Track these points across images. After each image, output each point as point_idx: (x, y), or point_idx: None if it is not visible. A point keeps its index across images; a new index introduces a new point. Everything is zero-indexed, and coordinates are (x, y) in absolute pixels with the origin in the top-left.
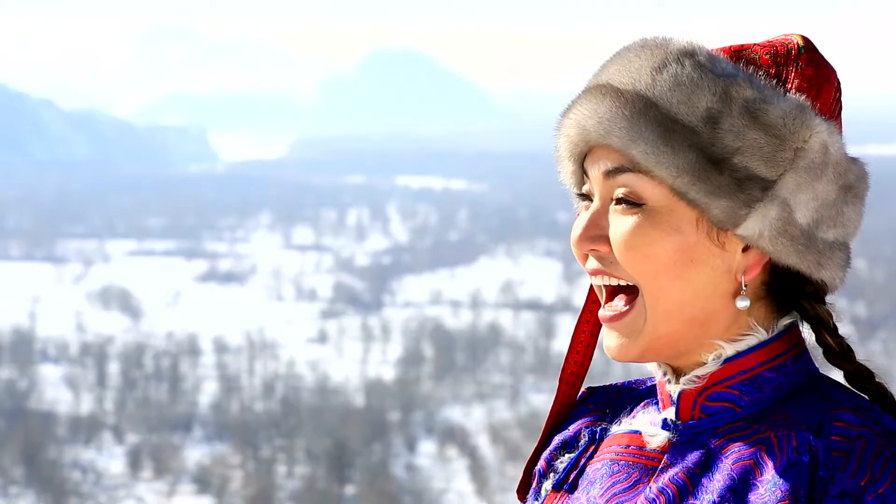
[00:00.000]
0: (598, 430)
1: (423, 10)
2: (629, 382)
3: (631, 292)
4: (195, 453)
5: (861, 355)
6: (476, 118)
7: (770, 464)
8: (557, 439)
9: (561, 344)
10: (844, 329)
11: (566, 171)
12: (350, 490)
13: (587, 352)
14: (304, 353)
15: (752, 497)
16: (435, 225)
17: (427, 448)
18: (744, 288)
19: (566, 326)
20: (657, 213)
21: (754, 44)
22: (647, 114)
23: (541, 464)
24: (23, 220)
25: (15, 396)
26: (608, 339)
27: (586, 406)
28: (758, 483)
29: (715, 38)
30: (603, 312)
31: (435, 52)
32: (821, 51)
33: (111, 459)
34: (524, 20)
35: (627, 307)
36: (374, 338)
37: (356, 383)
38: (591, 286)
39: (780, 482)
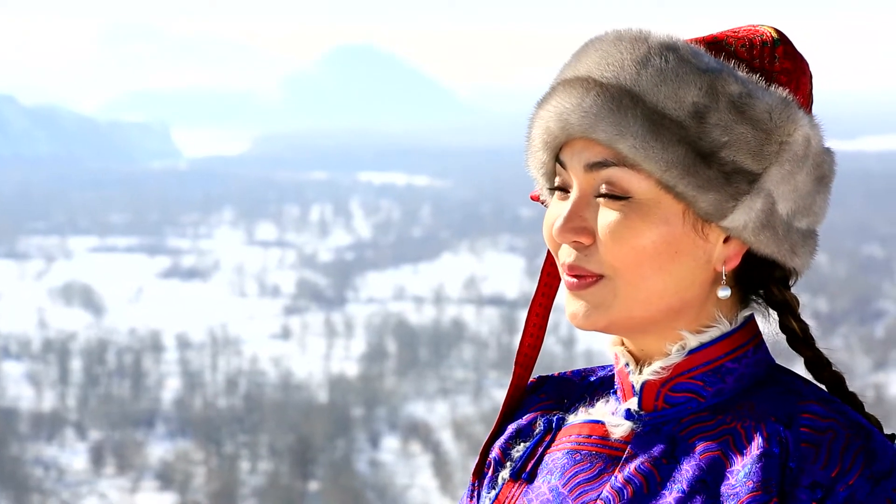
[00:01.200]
0: (555, 418)
1: (386, 8)
2: (578, 372)
3: (602, 278)
4: (158, 449)
5: (823, 350)
6: (439, 115)
7: (740, 455)
8: (511, 428)
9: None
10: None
11: (537, 161)
12: (313, 486)
13: (540, 334)
14: (267, 349)
15: (723, 488)
16: (398, 221)
17: (391, 444)
18: (724, 278)
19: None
20: (644, 205)
21: (726, 35)
22: (635, 108)
23: (496, 452)
24: None
25: None
26: (572, 306)
27: (538, 395)
28: (728, 474)
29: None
30: (568, 279)
31: (398, 48)
32: (794, 43)
33: (74, 456)
34: (488, 17)
35: (594, 277)
36: (337, 334)
37: (319, 379)
38: (545, 265)
39: (752, 473)
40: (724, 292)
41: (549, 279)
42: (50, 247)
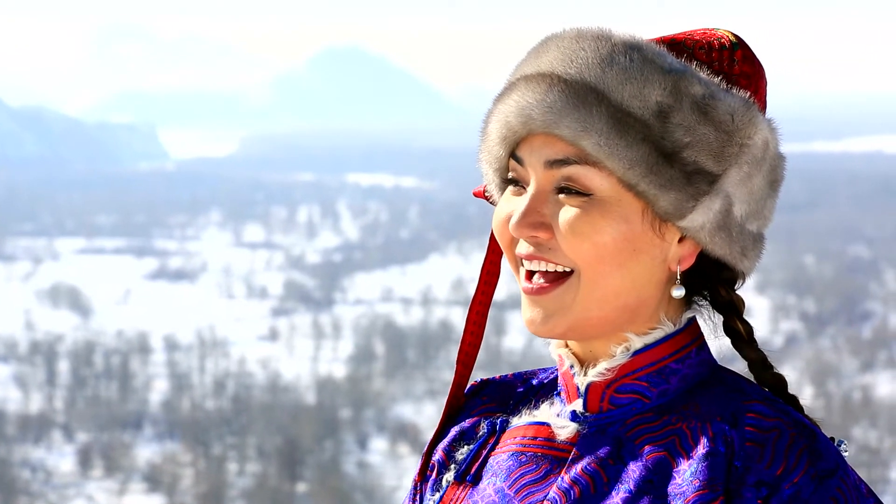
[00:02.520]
0: (499, 421)
1: (373, 9)
2: (520, 374)
3: (560, 276)
4: (146, 451)
5: (810, 351)
6: (426, 115)
7: (686, 454)
8: (455, 430)
9: (512, 341)
10: (794, 325)
11: (493, 156)
12: (301, 488)
13: (480, 331)
14: (254, 350)
15: (669, 487)
16: (386, 222)
17: (379, 445)
18: (678, 277)
19: (517, 324)
20: (605, 202)
21: (684, 37)
22: (599, 106)
23: (439, 454)
24: None
25: None
26: (530, 312)
27: (480, 398)
28: (675, 473)
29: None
30: (528, 285)
31: (385, 49)
32: (751, 47)
33: (61, 458)
34: (475, 18)
35: (554, 282)
36: (325, 335)
37: (307, 381)
38: (485, 262)
39: (698, 472)
40: (678, 291)
41: (488, 277)
42: (37, 248)
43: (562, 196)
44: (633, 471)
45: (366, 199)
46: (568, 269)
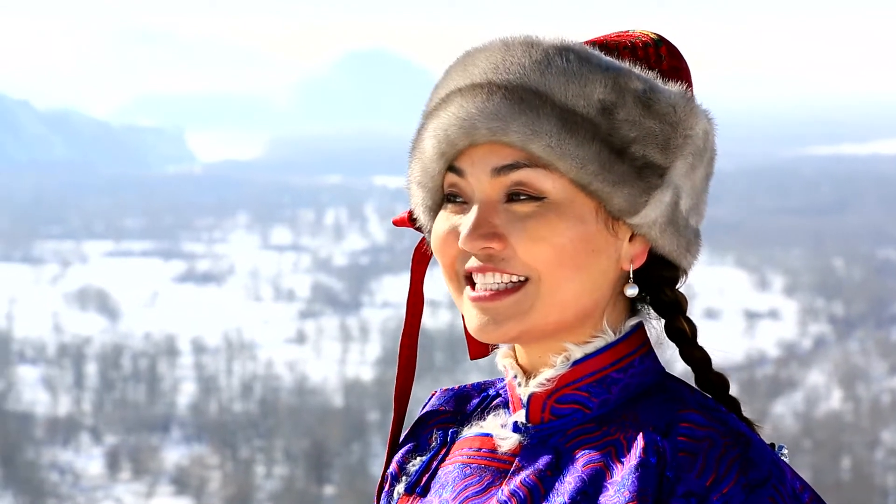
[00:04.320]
0: (450, 432)
1: (398, 11)
2: (477, 384)
3: (518, 286)
4: (173, 454)
5: (839, 354)
6: None
7: (619, 465)
8: (410, 442)
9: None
10: (822, 328)
11: (428, 174)
12: (329, 490)
13: (412, 364)
14: (282, 353)
15: (602, 499)
16: None
17: None
18: (631, 276)
19: None
20: (559, 205)
21: (605, 38)
22: (544, 108)
23: (393, 467)
24: (0, 220)
25: None
26: (479, 319)
27: (437, 409)
28: (608, 485)
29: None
30: (477, 293)
31: (410, 51)
32: (674, 43)
33: (89, 460)
34: (500, 20)
35: (509, 289)
36: (352, 338)
37: (335, 383)
38: (409, 298)
39: (629, 483)
40: (632, 290)
41: (414, 309)
42: (65, 251)
43: (514, 203)
44: (570, 482)
45: (393, 202)
46: (522, 278)
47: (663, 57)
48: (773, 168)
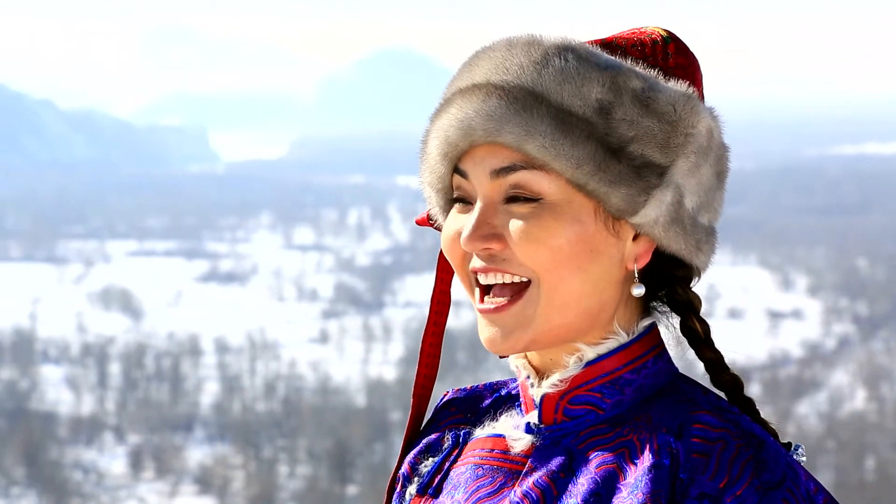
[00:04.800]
0: (462, 433)
1: (422, 10)
2: (490, 384)
3: (519, 288)
4: (197, 454)
5: (863, 354)
6: None
7: (632, 467)
8: (422, 443)
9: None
10: (846, 328)
11: (435, 175)
12: (352, 490)
13: (434, 363)
14: (305, 353)
15: (615, 501)
16: None
17: None
18: (636, 276)
19: None
20: (556, 206)
21: (615, 37)
22: (539, 108)
23: (405, 468)
24: (23, 220)
25: (16, 397)
26: (487, 331)
27: (449, 409)
28: (621, 486)
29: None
30: (484, 306)
31: (435, 52)
32: (683, 41)
33: (113, 460)
34: (524, 20)
35: (513, 298)
36: (375, 338)
37: (358, 383)
38: (434, 295)
39: (641, 485)
40: (638, 290)
41: (439, 307)
42: (88, 251)
43: (512, 204)
44: (582, 484)
45: (416, 202)
46: (525, 280)
47: (670, 54)
48: (797, 167)
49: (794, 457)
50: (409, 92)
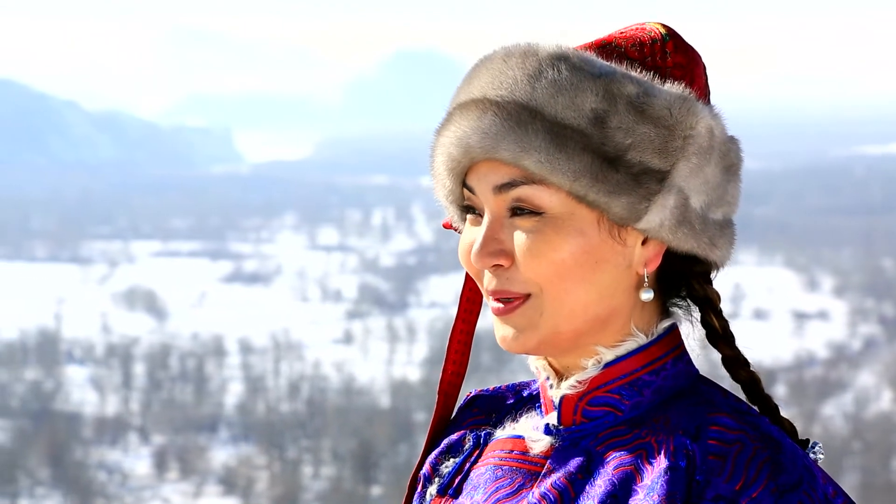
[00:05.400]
0: (483, 434)
1: (446, 11)
2: (512, 385)
3: (527, 298)
4: (221, 454)
5: (889, 355)
6: None
7: (650, 469)
8: (443, 443)
9: None
10: (872, 329)
11: (444, 189)
12: (376, 491)
13: (463, 360)
14: (329, 353)
15: (631, 502)
16: None
17: None
18: (646, 280)
19: None
20: (558, 219)
21: (614, 37)
22: (534, 123)
23: (426, 468)
24: (48, 221)
25: (41, 397)
26: (501, 330)
27: (471, 410)
28: (638, 488)
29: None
30: (494, 305)
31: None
32: (682, 35)
33: (137, 460)
34: (549, 19)
35: (521, 299)
36: (399, 338)
37: (382, 384)
38: (464, 290)
39: (658, 487)
40: (646, 295)
41: (469, 304)
42: (113, 251)
43: (516, 219)
44: (599, 486)
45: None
46: (526, 294)
47: (668, 53)
48: (824, 167)
49: (811, 454)
50: (433, 92)
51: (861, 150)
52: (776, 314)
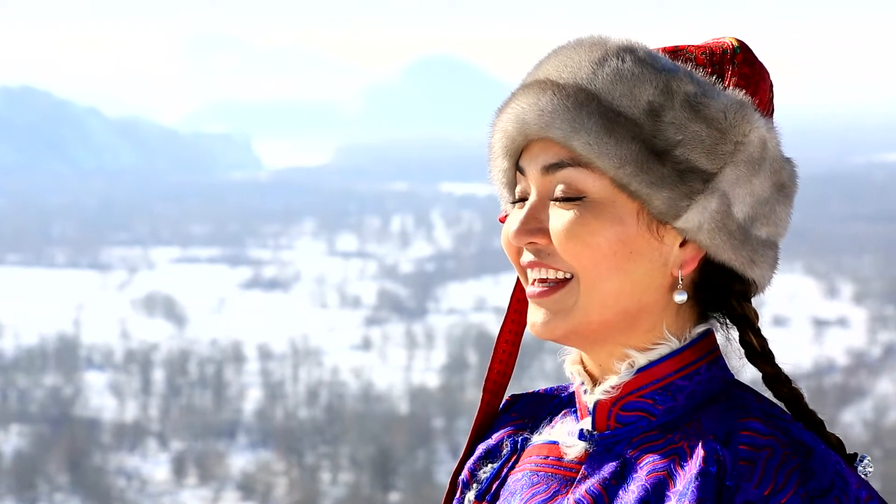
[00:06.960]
0: (520, 439)
1: (466, 18)
2: (551, 389)
3: (563, 282)
4: (240, 460)
5: None
6: None
7: (682, 474)
8: (481, 448)
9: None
10: (892, 336)
11: (499, 168)
12: (394, 497)
13: (510, 361)
14: (348, 360)
15: None
16: (479, 231)
17: None
18: (680, 282)
19: None
20: (599, 204)
21: (689, 45)
22: (589, 106)
23: (464, 473)
24: (68, 227)
25: (60, 403)
26: (534, 316)
27: (509, 414)
28: (670, 494)
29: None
30: (531, 289)
31: (477, 58)
32: (755, 52)
33: (156, 466)
34: (569, 26)
35: (557, 285)
36: (418, 345)
37: (400, 390)
38: (514, 292)
39: (688, 493)
40: (680, 297)
41: (518, 305)
42: (132, 258)
43: (557, 202)
44: (633, 491)
45: (459, 209)
46: (568, 275)
47: (735, 63)
48: (844, 174)
49: (860, 468)
50: (453, 99)
51: (882, 158)
52: (796, 321)
